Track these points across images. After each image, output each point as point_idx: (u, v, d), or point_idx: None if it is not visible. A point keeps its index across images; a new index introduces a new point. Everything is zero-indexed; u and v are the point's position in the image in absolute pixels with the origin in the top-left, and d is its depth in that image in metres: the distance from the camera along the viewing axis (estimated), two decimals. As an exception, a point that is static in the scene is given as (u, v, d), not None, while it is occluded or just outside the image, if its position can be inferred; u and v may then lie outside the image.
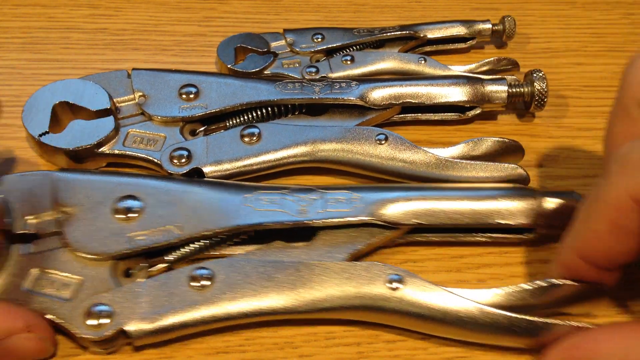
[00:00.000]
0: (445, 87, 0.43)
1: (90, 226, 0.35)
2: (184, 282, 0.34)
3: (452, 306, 0.32)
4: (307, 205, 0.36)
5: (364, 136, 0.41)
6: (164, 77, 0.43)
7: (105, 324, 0.32)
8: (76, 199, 0.36)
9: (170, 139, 0.41)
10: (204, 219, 0.35)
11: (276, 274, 0.34)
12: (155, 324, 0.32)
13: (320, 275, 0.34)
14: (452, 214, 0.36)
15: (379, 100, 0.43)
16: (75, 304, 0.33)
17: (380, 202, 0.36)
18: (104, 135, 0.40)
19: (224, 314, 0.33)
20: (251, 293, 0.33)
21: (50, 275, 0.34)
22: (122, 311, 0.32)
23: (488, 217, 0.35)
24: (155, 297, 0.33)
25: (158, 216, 0.35)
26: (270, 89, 0.43)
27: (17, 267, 0.34)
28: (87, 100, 0.41)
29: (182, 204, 0.36)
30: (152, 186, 0.37)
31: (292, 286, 0.34)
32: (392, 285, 0.33)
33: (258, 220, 0.35)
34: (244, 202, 0.36)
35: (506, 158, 0.40)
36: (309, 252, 0.35)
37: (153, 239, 0.35)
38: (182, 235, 0.35)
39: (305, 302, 0.33)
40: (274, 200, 0.36)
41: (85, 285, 0.33)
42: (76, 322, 0.32)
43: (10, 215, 0.35)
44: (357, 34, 0.49)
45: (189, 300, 0.33)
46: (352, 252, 0.35)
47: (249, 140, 0.41)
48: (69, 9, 0.52)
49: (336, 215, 0.35)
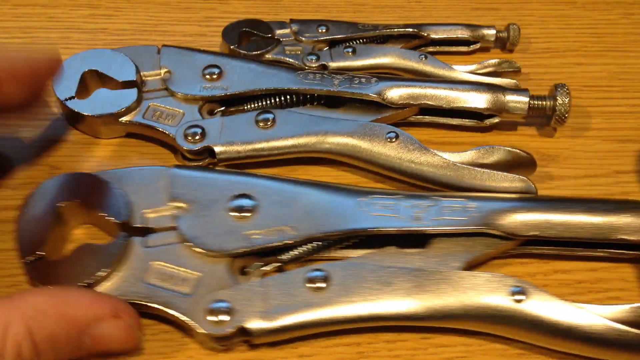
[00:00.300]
0: (465, 93, 0.43)
1: (207, 223, 0.35)
2: (300, 283, 0.34)
3: (578, 321, 0.32)
4: (422, 212, 0.36)
5: (374, 132, 0.40)
6: (191, 56, 0.44)
7: (226, 321, 0.32)
8: (192, 196, 0.36)
9: (188, 116, 0.41)
10: (319, 221, 0.35)
11: (393, 279, 0.34)
12: (275, 323, 0.32)
13: (439, 283, 0.33)
14: (573, 227, 0.35)
15: (396, 98, 0.43)
16: (195, 300, 0.33)
17: (498, 212, 0.35)
18: (126, 106, 0.41)
19: (340, 316, 0.33)
20: (368, 297, 0.33)
21: (170, 270, 0.34)
22: (242, 309, 0.33)
23: (611, 232, 0.35)
24: (273, 297, 0.33)
25: (273, 216, 0.35)
26: (290, 77, 0.43)
27: (137, 261, 0.34)
28: (114, 71, 0.42)
29: (295, 204, 0.36)
30: (266, 186, 0.37)
31: (410, 293, 0.33)
32: (515, 297, 0.32)
33: (374, 224, 0.35)
34: (359, 206, 0.36)
35: (517, 170, 0.39)
36: (424, 259, 0.35)
37: (268, 238, 0.35)
38: (296, 236, 0.35)
39: (423, 310, 0.33)
40: (388, 206, 0.36)
41: (203, 282, 0.34)
42: (197, 317, 0.32)
43: (129, 208, 0.35)
44: (361, 27, 0.49)
45: (307, 302, 0.33)
46: (467, 261, 0.35)
47: (263, 125, 0.41)
48: (69, 9, 0.52)
49: (452, 224, 0.35)
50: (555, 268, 0.37)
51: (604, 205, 0.36)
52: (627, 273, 0.37)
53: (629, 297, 0.36)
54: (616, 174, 0.42)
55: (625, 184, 0.42)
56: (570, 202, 0.36)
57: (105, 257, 0.33)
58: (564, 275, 0.37)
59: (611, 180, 0.42)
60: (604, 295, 0.36)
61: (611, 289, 0.37)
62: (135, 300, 0.33)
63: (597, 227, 0.35)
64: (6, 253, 0.36)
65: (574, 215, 0.35)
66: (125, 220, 0.35)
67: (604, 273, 0.37)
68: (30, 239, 0.34)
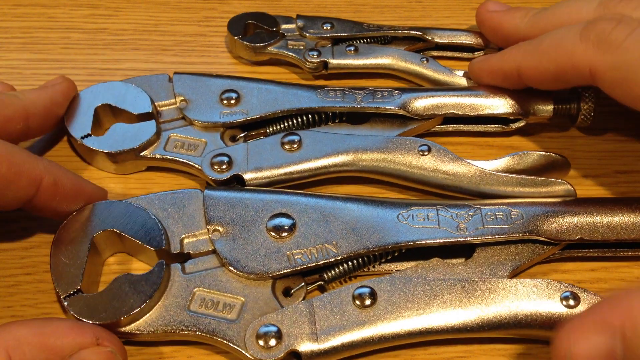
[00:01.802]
0: (489, 99, 0.42)
1: (247, 245, 0.34)
2: (348, 301, 0.33)
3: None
4: (465, 221, 0.35)
5: (406, 147, 0.40)
6: (205, 82, 0.43)
7: (276, 345, 0.31)
8: (228, 218, 0.35)
9: (210, 145, 0.40)
10: (360, 237, 0.35)
11: (441, 292, 0.33)
12: (325, 344, 0.32)
13: (488, 292, 0.33)
14: (617, 229, 0.35)
15: (421, 110, 0.42)
16: (242, 325, 0.32)
17: (541, 217, 0.35)
18: (146, 139, 0.40)
19: (390, 333, 0.32)
20: (417, 312, 0.33)
21: (213, 296, 0.33)
22: (291, 332, 0.32)
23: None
24: (321, 317, 0.32)
25: (313, 234, 0.35)
26: (311, 96, 0.42)
27: (179, 288, 0.33)
28: (129, 104, 0.41)
29: (335, 221, 0.35)
30: (303, 203, 0.36)
31: (460, 304, 0.33)
32: (568, 303, 0.32)
33: (417, 237, 0.35)
34: (400, 219, 0.35)
35: (551, 172, 0.39)
36: (470, 269, 0.34)
37: (311, 257, 0.34)
38: (339, 253, 0.34)
39: (474, 321, 0.32)
40: (430, 217, 0.35)
41: (248, 306, 0.33)
42: (247, 343, 0.31)
43: (165, 234, 0.35)
44: (366, 27, 0.49)
45: (355, 320, 0.32)
46: (514, 268, 0.34)
47: (290, 148, 0.40)
48: (69, 9, 0.51)
49: (498, 232, 0.35)
50: (555, 268, 0.37)
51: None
52: (627, 273, 0.37)
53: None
54: (616, 174, 0.42)
55: (625, 184, 0.41)
56: (612, 203, 0.36)
57: (145, 288, 0.32)
58: (564, 275, 0.37)
59: (611, 180, 0.41)
60: (604, 295, 0.36)
61: (611, 289, 0.36)
62: (180, 330, 0.32)
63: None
64: (6, 253, 0.36)
65: (617, 216, 0.35)
66: (163, 247, 0.34)
67: (604, 273, 0.37)
68: (65, 273, 0.33)
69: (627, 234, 0.35)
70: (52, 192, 0.34)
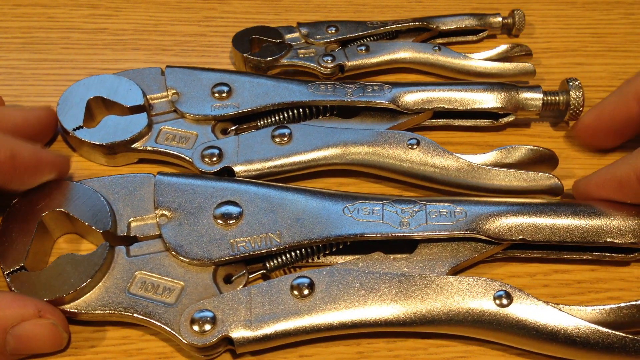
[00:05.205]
0: (479, 93, 0.43)
1: (192, 231, 0.35)
2: (285, 291, 0.33)
3: (562, 324, 0.31)
4: (409, 217, 0.35)
5: (395, 140, 0.40)
6: (197, 75, 0.43)
7: (210, 331, 0.32)
8: (177, 203, 0.36)
9: (202, 137, 0.41)
10: (305, 228, 0.35)
11: (378, 285, 0.34)
12: (259, 332, 0.32)
13: (424, 288, 0.33)
14: (559, 231, 0.35)
15: (411, 104, 0.42)
16: (179, 309, 0.33)
17: (485, 216, 0.35)
18: (138, 132, 0.40)
19: (325, 324, 0.33)
20: (353, 304, 0.33)
21: (154, 280, 0.34)
22: (226, 318, 0.32)
23: (597, 235, 0.34)
24: (258, 305, 0.33)
25: (259, 223, 0.35)
26: (302, 90, 0.43)
27: (121, 270, 0.34)
28: (121, 96, 0.42)
29: (281, 211, 0.36)
30: (252, 192, 0.36)
31: (395, 299, 0.33)
32: (501, 302, 0.32)
33: (360, 230, 0.35)
34: (345, 212, 0.36)
35: (539, 167, 0.39)
36: (410, 264, 0.35)
37: (254, 246, 0.35)
38: (282, 243, 0.35)
39: (408, 315, 0.33)
40: (375, 211, 0.36)
41: (187, 291, 0.33)
42: (181, 328, 0.32)
43: (113, 217, 0.35)
44: (370, 25, 0.49)
45: (292, 309, 0.33)
46: (453, 266, 0.35)
47: (280, 141, 0.40)
48: (69, 9, 0.52)
49: (440, 229, 0.35)
50: (555, 268, 0.37)
51: (591, 208, 0.35)
52: (627, 273, 0.37)
53: (629, 297, 0.36)
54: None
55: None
56: (556, 206, 0.36)
57: (87, 268, 0.33)
58: (564, 275, 0.37)
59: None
60: (604, 295, 0.36)
61: (611, 289, 0.36)
62: (118, 311, 0.32)
63: (584, 231, 0.35)
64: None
65: (561, 218, 0.35)
66: (109, 229, 0.35)
67: (604, 273, 0.37)
68: (11, 249, 0.34)
69: (570, 236, 0.35)
70: (11, 166, 0.33)
